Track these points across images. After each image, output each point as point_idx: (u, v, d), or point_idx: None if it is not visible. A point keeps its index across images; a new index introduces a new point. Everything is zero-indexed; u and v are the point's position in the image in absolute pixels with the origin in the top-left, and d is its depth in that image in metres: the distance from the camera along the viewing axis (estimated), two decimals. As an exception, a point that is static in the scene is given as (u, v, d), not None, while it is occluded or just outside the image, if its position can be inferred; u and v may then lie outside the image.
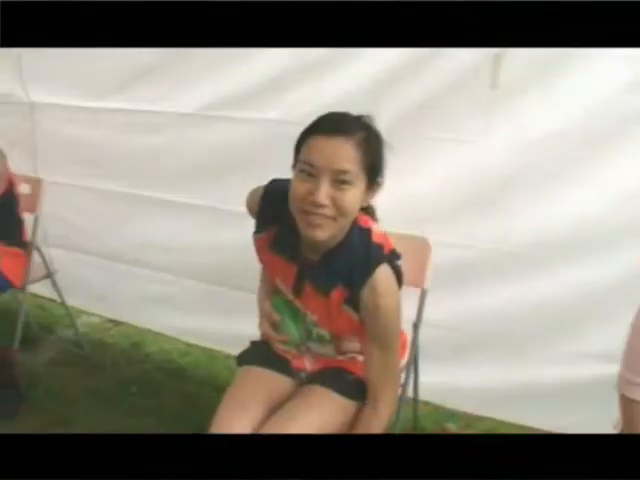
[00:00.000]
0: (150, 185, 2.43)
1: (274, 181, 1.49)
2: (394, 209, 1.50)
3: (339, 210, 1.26)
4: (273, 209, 1.43)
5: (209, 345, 2.61)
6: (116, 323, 2.89)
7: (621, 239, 1.80)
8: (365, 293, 1.33)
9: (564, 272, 1.88)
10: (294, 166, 1.34)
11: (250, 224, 2.22)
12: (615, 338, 1.88)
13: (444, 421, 2.20)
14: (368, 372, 1.42)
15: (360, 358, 1.54)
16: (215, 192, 2.28)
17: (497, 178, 1.86)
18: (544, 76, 1.71)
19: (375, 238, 1.38)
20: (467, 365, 2.05)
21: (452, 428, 2.14)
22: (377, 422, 1.40)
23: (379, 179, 1.34)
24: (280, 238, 1.44)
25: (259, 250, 1.53)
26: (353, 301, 1.36)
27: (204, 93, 2.19)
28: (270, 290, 1.59)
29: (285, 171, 1.46)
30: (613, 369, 1.90)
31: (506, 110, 1.79)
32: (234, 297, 2.38)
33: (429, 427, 2.17)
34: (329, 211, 1.26)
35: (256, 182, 2.13)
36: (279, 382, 1.53)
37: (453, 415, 2.21)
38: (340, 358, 1.55)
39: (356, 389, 1.47)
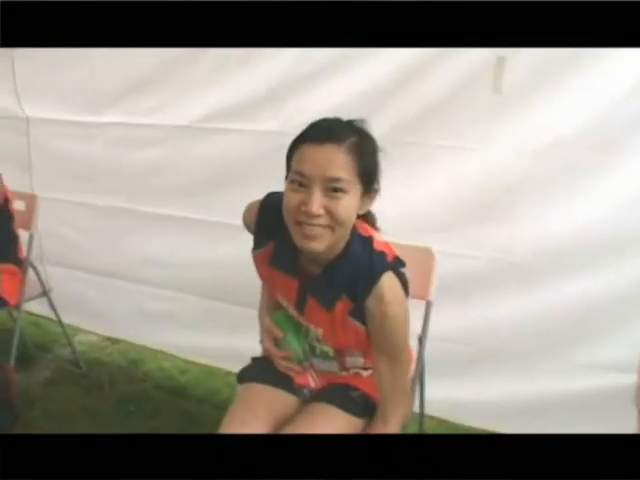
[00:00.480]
0: (147, 200, 2.39)
1: (270, 195, 1.45)
2: (395, 219, 1.46)
3: (334, 219, 1.21)
4: (270, 223, 1.38)
5: (208, 362, 2.56)
6: (113, 341, 2.84)
7: (629, 246, 1.76)
8: (371, 303, 1.28)
9: (571, 281, 1.84)
10: (287, 177, 1.30)
11: (250, 238, 2.20)
12: (627, 347, 1.86)
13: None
14: (378, 385, 1.37)
15: (364, 374, 1.50)
16: (214, 206, 2.24)
17: (501, 186, 1.82)
18: (548, 81, 1.68)
19: (377, 246, 1.33)
20: (473, 379, 2.00)
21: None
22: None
23: (375, 185, 1.29)
24: (279, 253, 1.39)
25: (259, 266, 1.49)
26: (358, 313, 1.31)
27: (200, 105, 2.16)
28: (271, 306, 1.54)
29: (283, 184, 1.45)
30: (626, 379, 1.87)
31: (509, 116, 1.76)
32: (234, 313, 2.34)
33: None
34: (324, 221, 1.21)
35: (256, 195, 2.10)
36: (282, 400, 1.48)
37: (458, 430, 2.16)
38: (344, 374, 1.50)
39: (362, 405, 1.43)
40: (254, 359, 1.62)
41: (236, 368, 2.45)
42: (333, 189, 1.20)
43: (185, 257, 2.40)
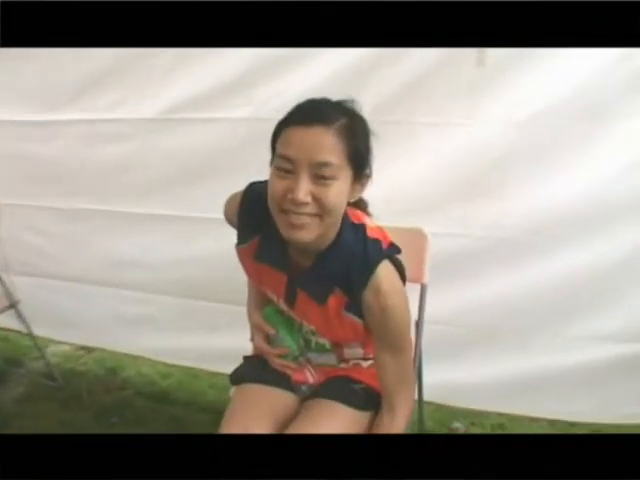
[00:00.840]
0: (116, 199, 2.26)
1: (252, 185, 1.36)
2: (380, 201, 1.38)
3: (322, 207, 1.13)
4: (254, 216, 1.30)
5: (191, 364, 2.46)
6: (88, 349, 2.70)
7: (618, 216, 1.74)
8: (368, 295, 1.21)
9: (562, 254, 1.81)
10: (271, 162, 1.22)
11: (229, 231, 2.10)
12: (620, 317, 1.84)
13: (448, 420, 2.11)
14: (382, 378, 1.30)
15: (364, 364, 1.44)
16: (188, 200, 2.14)
17: (487, 161, 1.77)
18: (532, 51, 1.62)
19: (371, 233, 1.26)
20: (468, 360, 1.96)
21: (460, 428, 2.04)
22: (396, 428, 1.28)
23: (367, 170, 1.20)
24: (265, 246, 1.30)
25: (244, 261, 1.40)
26: (354, 306, 1.24)
27: (166, 96, 2.04)
28: (260, 302, 1.46)
29: (263, 172, 1.36)
30: (621, 349, 1.86)
31: (494, 89, 1.70)
32: (215, 311, 2.26)
33: (434, 427, 2.07)
34: (311, 209, 1.13)
35: (233, 186, 1.99)
36: (282, 399, 1.40)
37: (456, 413, 2.12)
38: (343, 366, 1.44)
39: (365, 398, 1.36)
40: (246, 358, 1.54)
41: (220, 368, 2.39)
42: (321, 175, 1.12)
43: (159, 256, 2.29)
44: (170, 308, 2.35)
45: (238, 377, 1.48)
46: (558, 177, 1.74)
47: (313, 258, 1.25)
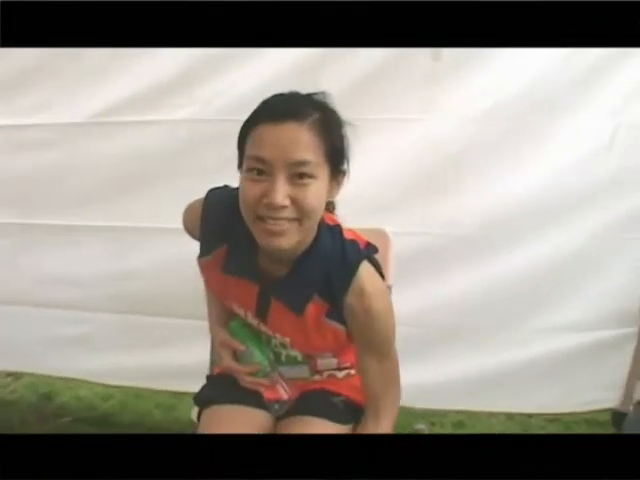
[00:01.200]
0: (42, 211, 2.05)
1: (212, 191, 1.26)
2: (337, 200, 1.31)
3: (302, 211, 1.04)
4: (218, 224, 1.20)
5: (133, 383, 2.29)
6: (17, 376, 2.47)
7: (574, 206, 1.76)
8: (350, 298, 1.13)
9: (520, 249, 1.82)
10: (240, 166, 1.12)
11: (169, 240, 1.98)
12: (583, 306, 1.86)
13: (409, 422, 2.08)
14: (366, 385, 1.23)
15: (339, 375, 1.37)
16: (124, 210, 1.98)
17: (444, 157, 1.74)
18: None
19: (347, 235, 1.19)
20: (433, 361, 1.92)
21: (424, 429, 2.02)
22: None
23: (343, 167, 1.13)
24: (233, 256, 1.20)
25: (207, 275, 1.30)
26: (336, 312, 1.16)
27: (98, 97, 1.87)
28: (223, 317, 1.35)
29: (207, 177, 1.27)
30: (581, 338, 1.89)
31: (449, 83, 1.67)
32: (157, 325, 2.12)
33: (397, 430, 2.02)
34: (290, 213, 1.04)
35: (175, 192, 1.87)
36: (257, 418, 1.30)
37: (415, 414, 2.09)
38: (317, 379, 1.36)
39: (346, 411, 1.30)
40: (211, 378, 1.44)
41: (166, 385, 2.25)
42: (299, 175, 1.03)
43: (94, 271, 2.10)
44: (108, 326, 2.17)
45: (205, 399, 1.37)
46: (513, 172, 1.75)
47: (289, 265, 1.16)
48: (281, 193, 1.02)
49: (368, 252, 1.19)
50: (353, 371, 1.37)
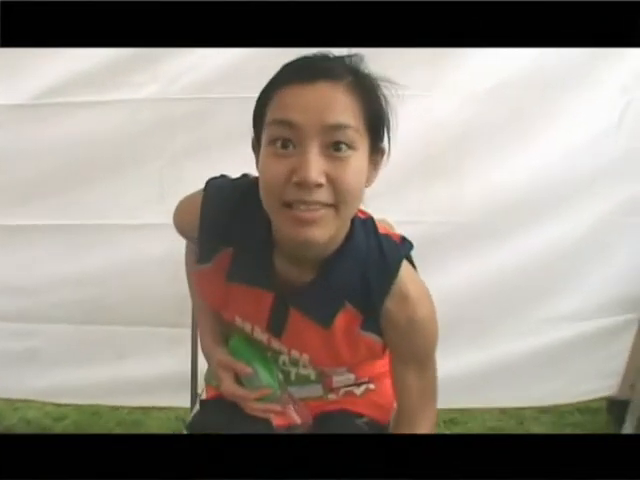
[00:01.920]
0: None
1: (212, 182, 1.05)
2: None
3: (340, 192, 0.83)
4: (222, 223, 0.99)
5: (89, 401, 2.04)
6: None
7: (576, 194, 1.67)
8: (390, 306, 0.96)
9: (521, 236, 1.71)
10: (255, 145, 0.92)
11: (135, 237, 1.74)
12: (583, 294, 1.77)
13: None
14: (402, 398, 1.07)
15: (357, 391, 1.19)
16: (77, 205, 1.70)
17: (444, 139, 1.59)
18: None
19: (380, 229, 1.01)
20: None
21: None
22: None
23: (383, 142, 0.92)
24: (241, 261, 1.00)
25: (205, 285, 1.10)
26: (373, 322, 0.98)
27: (43, 74, 1.57)
28: (220, 332, 1.16)
29: (178, 163, 1.06)
30: (585, 326, 1.80)
31: (452, 59, 1.51)
32: (117, 335, 1.89)
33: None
34: (326, 195, 0.83)
35: (139, 181, 1.65)
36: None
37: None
38: (332, 397, 1.18)
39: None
40: (205, 403, 1.22)
41: (128, 401, 2.01)
42: (335, 145, 0.83)
43: (42, 276, 1.81)
44: (61, 338, 1.90)
45: (202, 429, 1.15)
46: (515, 156, 1.62)
47: (315, 268, 0.97)
48: (315, 167, 0.81)
49: (406, 249, 1.01)
50: (372, 385, 1.21)
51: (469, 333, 1.77)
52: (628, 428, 1.86)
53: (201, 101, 1.59)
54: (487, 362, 1.81)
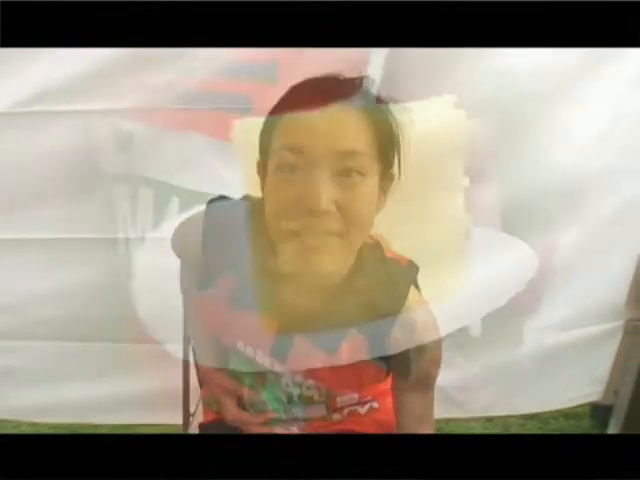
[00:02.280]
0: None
1: (213, 203, 1.01)
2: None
3: (348, 219, 0.82)
4: (226, 247, 0.96)
5: (69, 420, 1.97)
6: None
7: (569, 203, 1.66)
8: (397, 333, 0.94)
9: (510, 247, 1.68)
10: (261, 170, 0.90)
11: (113, 248, 1.67)
12: (571, 304, 1.77)
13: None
14: (402, 417, 1.05)
15: (361, 410, 1.17)
16: (62, 217, 1.64)
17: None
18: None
19: (387, 253, 0.99)
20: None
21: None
22: None
23: (394, 168, 0.91)
24: (245, 287, 0.97)
25: (208, 310, 1.06)
26: (379, 348, 0.96)
27: (28, 81, 1.50)
28: (220, 355, 1.12)
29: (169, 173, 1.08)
30: (576, 334, 1.81)
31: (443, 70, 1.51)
32: (97, 352, 1.83)
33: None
34: (333, 222, 0.82)
35: (126, 195, 1.60)
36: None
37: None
38: (336, 417, 1.15)
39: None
40: (207, 427, 1.18)
41: (106, 419, 1.94)
42: (345, 171, 0.81)
43: (19, 292, 1.75)
44: (39, 355, 1.83)
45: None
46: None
47: (322, 295, 0.94)
48: (325, 195, 0.79)
49: (412, 274, 0.99)
50: (376, 404, 1.18)
51: (455, 342, 1.76)
52: (612, 432, 1.89)
53: (191, 112, 1.56)
54: (472, 371, 1.81)
